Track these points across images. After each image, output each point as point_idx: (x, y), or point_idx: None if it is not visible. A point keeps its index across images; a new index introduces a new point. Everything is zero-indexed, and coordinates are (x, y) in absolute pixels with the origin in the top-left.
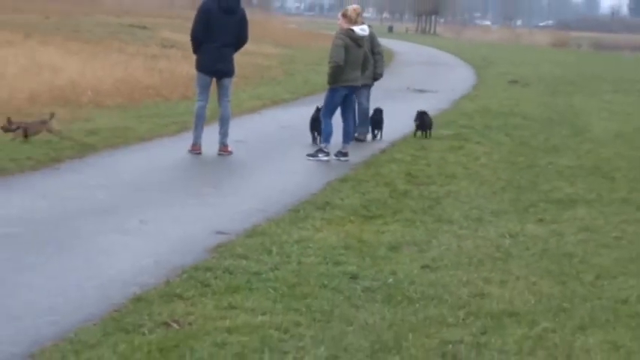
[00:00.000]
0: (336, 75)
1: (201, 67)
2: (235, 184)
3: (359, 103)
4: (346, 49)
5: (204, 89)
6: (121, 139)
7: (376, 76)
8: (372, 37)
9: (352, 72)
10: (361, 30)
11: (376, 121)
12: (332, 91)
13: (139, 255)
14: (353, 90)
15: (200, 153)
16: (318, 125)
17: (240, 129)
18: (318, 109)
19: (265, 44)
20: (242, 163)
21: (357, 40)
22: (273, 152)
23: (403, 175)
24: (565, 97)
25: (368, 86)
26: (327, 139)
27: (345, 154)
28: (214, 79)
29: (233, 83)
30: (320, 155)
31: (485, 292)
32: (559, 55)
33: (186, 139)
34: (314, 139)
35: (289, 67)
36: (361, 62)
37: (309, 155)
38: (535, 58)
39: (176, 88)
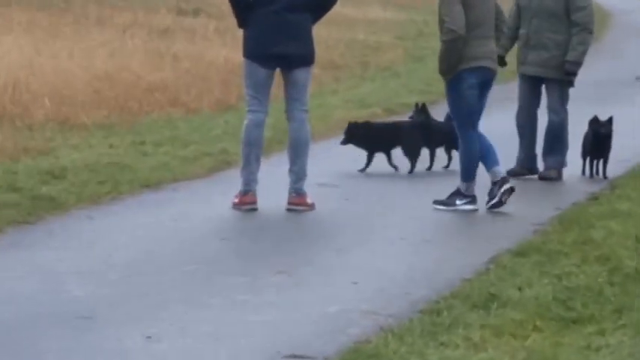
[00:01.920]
0: (453, 53)
1: (251, 50)
2: (320, 264)
3: (548, 111)
4: (464, 3)
5: (260, 91)
6: (106, 186)
7: (568, 68)
8: None
9: (482, 43)
10: None
11: (598, 141)
12: (454, 84)
13: None
14: (492, 76)
15: (255, 207)
16: (451, 142)
17: (328, 162)
18: (449, 118)
19: (370, 4)
20: (331, 227)
21: None
22: (387, 204)
23: (632, 242)
24: None
25: (557, 82)
26: (469, 174)
27: (509, 191)
28: (278, 72)
29: (313, 77)
30: (458, 202)
31: None
32: None
33: (229, 184)
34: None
35: (415, 45)
36: (494, 23)
37: (437, 203)
38: None
39: (207, 90)
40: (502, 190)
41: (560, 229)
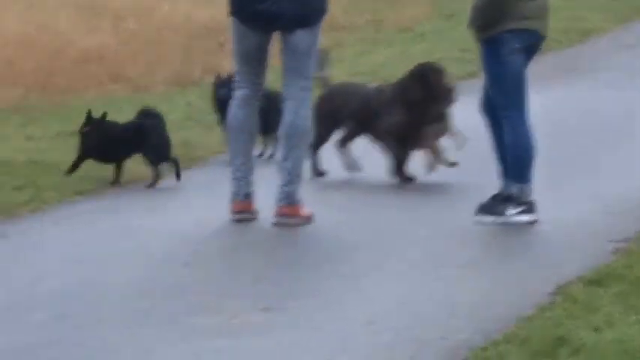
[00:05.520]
0: (499, 4)
1: (234, 4)
2: (318, 298)
3: None
4: None
5: (246, 62)
6: (25, 193)
7: None
8: None
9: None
10: None
11: None
12: (493, 48)
13: None
14: (541, 42)
15: (245, 218)
16: None
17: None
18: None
19: None
20: (334, 247)
21: None
22: (408, 216)
23: None
24: None
25: None
26: (522, 172)
27: (526, 208)
28: (276, 36)
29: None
30: (510, 211)
31: None
32: None
33: (195, 188)
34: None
35: None
36: None
37: (481, 212)
38: None
39: (161, 61)
40: (511, 217)
41: None
